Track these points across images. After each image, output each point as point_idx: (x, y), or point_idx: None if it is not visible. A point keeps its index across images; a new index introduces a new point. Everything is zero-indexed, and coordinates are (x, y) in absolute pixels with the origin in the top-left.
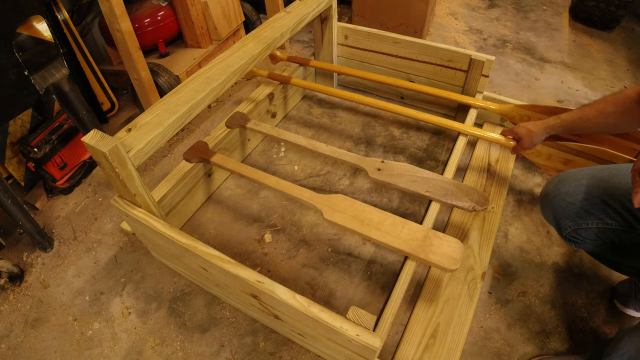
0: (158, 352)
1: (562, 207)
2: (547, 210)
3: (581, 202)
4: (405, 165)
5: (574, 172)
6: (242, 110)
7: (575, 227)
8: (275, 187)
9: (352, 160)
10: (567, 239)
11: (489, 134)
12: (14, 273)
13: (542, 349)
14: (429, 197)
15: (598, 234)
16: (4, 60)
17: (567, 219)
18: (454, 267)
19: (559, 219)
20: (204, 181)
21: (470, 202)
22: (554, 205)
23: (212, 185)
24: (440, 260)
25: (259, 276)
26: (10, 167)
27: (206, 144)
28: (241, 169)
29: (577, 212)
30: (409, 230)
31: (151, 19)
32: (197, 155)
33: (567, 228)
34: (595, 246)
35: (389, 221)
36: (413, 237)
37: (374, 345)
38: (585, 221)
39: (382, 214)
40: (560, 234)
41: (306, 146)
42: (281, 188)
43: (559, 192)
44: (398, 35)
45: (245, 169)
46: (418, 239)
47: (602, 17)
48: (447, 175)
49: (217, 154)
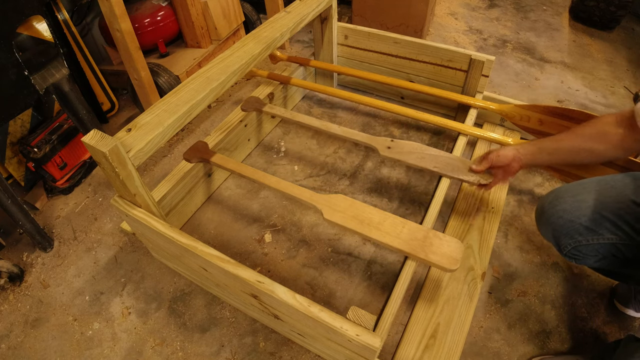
0: (158, 352)
1: (560, 225)
2: (545, 229)
3: (580, 219)
4: (414, 143)
5: (569, 187)
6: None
7: (575, 245)
8: (276, 187)
9: (363, 139)
10: (567, 257)
11: (489, 134)
12: (14, 273)
13: (542, 349)
14: (437, 172)
15: (599, 250)
16: (4, 60)
17: (567, 236)
18: (454, 267)
19: (558, 237)
20: (204, 181)
21: (475, 177)
22: (552, 224)
23: (212, 185)
24: (440, 260)
25: (259, 276)
26: (10, 167)
27: (206, 144)
28: (241, 168)
29: (577, 229)
30: (409, 230)
31: (151, 19)
32: (197, 155)
33: (567, 246)
34: (596, 261)
35: (389, 221)
36: (413, 237)
37: (374, 345)
38: (585, 238)
39: (382, 214)
40: (560, 251)
41: (319, 127)
42: (281, 188)
43: (556, 210)
44: (398, 35)
45: (245, 168)
46: (418, 239)
47: (602, 17)
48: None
49: (217, 154)
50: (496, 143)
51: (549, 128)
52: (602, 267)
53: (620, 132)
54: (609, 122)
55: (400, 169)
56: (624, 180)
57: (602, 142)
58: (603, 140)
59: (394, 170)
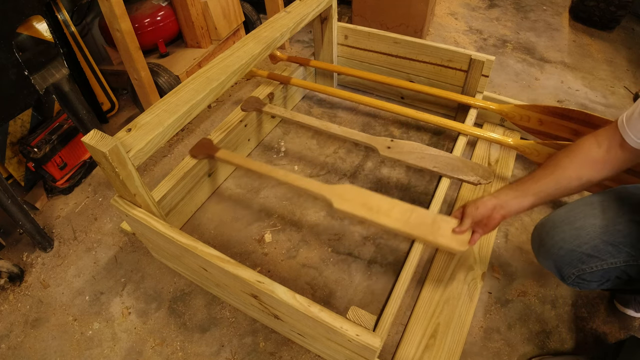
0: (158, 352)
1: (561, 255)
2: (547, 261)
3: (581, 247)
4: (414, 143)
5: (563, 214)
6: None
7: (579, 273)
8: (283, 180)
9: (363, 139)
10: (571, 285)
11: (489, 134)
12: (14, 273)
13: (542, 349)
14: (437, 172)
15: (603, 275)
16: (4, 60)
17: (570, 266)
18: (462, 248)
19: (561, 267)
20: (204, 181)
21: (475, 176)
22: (552, 255)
23: (212, 186)
24: (449, 243)
25: (259, 276)
26: (10, 167)
27: (211, 140)
28: (248, 163)
29: (579, 257)
30: (417, 215)
31: (151, 19)
32: (202, 152)
33: (571, 276)
34: (600, 285)
35: (397, 208)
36: (422, 222)
37: (374, 345)
38: (589, 265)
39: (391, 201)
40: (563, 281)
41: (319, 127)
42: (289, 180)
43: (555, 241)
44: (398, 35)
45: (252, 163)
46: (427, 224)
47: (602, 17)
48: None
49: (222, 150)
50: (496, 143)
51: (549, 128)
52: (606, 288)
53: (603, 154)
54: (589, 146)
55: (400, 169)
56: (619, 197)
57: (588, 168)
58: (588, 167)
59: (394, 170)
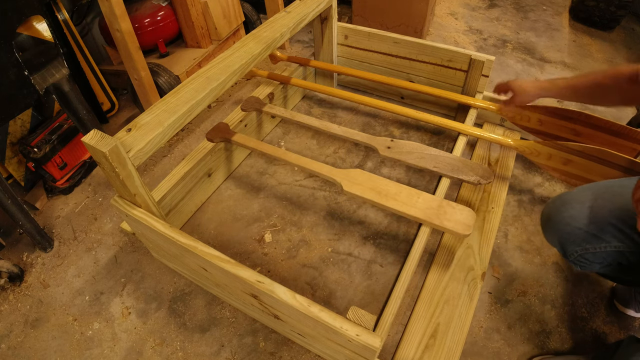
0: (158, 352)
1: (567, 232)
2: (552, 235)
3: (587, 226)
4: (414, 143)
5: (575, 193)
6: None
7: (582, 252)
8: (296, 163)
9: (363, 139)
10: (573, 263)
11: (489, 134)
12: (14, 273)
13: (542, 349)
14: (437, 172)
15: (605, 257)
16: (4, 60)
17: (574, 244)
18: (467, 232)
19: (565, 244)
20: (204, 181)
21: (475, 176)
22: (558, 230)
23: (212, 185)
24: (454, 227)
25: (259, 276)
26: (10, 167)
27: (227, 124)
28: (262, 146)
29: (584, 236)
30: (424, 200)
31: (151, 19)
32: (219, 135)
33: (573, 253)
34: (602, 267)
35: (405, 192)
36: (428, 206)
37: (374, 345)
38: (592, 245)
39: (398, 186)
40: (565, 257)
41: (319, 127)
42: (301, 163)
43: (563, 217)
44: (398, 35)
45: (267, 146)
46: (433, 208)
47: (602, 17)
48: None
49: (238, 134)
50: (496, 143)
51: (549, 128)
52: (607, 273)
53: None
54: (626, 77)
55: (400, 169)
56: (631, 186)
57: (616, 94)
58: (617, 93)
59: (394, 170)
